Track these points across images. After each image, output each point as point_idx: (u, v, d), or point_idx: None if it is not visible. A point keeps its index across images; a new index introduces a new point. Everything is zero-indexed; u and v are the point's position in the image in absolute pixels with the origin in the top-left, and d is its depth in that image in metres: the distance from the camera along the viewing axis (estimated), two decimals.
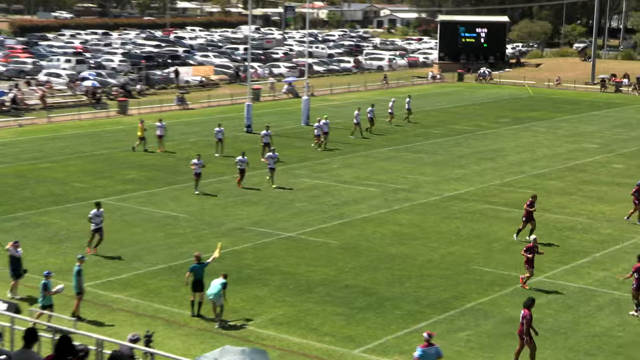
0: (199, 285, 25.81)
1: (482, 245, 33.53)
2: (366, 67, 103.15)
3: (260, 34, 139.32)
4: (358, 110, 56.66)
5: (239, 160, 42.00)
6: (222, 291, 25.04)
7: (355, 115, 56.19)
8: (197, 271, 25.92)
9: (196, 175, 40.60)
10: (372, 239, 34.00)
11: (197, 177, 40.62)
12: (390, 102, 63.25)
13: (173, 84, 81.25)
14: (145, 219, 36.20)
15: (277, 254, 32.01)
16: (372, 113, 57.75)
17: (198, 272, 25.92)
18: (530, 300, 23.10)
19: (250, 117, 58.27)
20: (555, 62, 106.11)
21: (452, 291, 28.42)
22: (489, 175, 46.16)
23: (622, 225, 36.91)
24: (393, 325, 25.45)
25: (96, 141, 54.42)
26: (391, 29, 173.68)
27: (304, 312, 26.33)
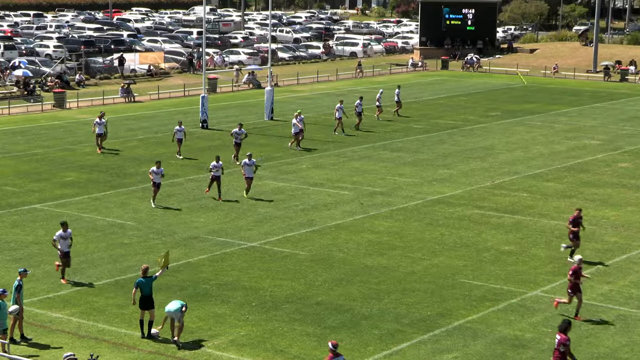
0: (148, 302, 25.86)
1: (470, 256, 33.84)
2: (337, 53, 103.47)
3: (216, 15, 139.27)
4: (340, 103, 56.78)
5: (214, 166, 40.42)
6: (182, 308, 25.18)
7: (336, 108, 56.31)
8: (144, 286, 25.95)
9: (155, 185, 39.38)
10: (346, 249, 34.20)
11: (156, 188, 39.41)
12: (378, 93, 63.48)
13: (117, 73, 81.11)
14: (88, 228, 36.18)
15: (238, 266, 32.13)
16: (360, 107, 57.77)
17: (145, 287, 25.94)
18: (566, 323, 23.02)
19: (206, 111, 58.33)
20: (553, 47, 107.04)
21: (437, 308, 28.67)
22: (478, 176, 46.56)
23: (628, 232, 37.40)
24: (370, 347, 25.65)
25: (29, 138, 54.24)
26: (366, 10, 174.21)
27: (269, 332, 26.46)
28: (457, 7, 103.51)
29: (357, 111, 57.95)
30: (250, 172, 40.90)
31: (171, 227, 36.49)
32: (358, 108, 57.86)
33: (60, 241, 30.07)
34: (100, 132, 49.77)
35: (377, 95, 62.84)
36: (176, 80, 79.44)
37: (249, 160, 40.82)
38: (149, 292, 25.95)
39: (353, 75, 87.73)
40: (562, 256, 33.86)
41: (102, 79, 78.57)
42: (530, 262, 33.24)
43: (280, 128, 58.72)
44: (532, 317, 28.06)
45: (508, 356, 25.22)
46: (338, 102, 57.75)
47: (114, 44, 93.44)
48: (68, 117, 62.27)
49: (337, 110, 56.14)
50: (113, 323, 26.82)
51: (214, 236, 35.41)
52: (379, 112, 62.25)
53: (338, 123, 56.41)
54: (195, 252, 33.50)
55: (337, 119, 56.26)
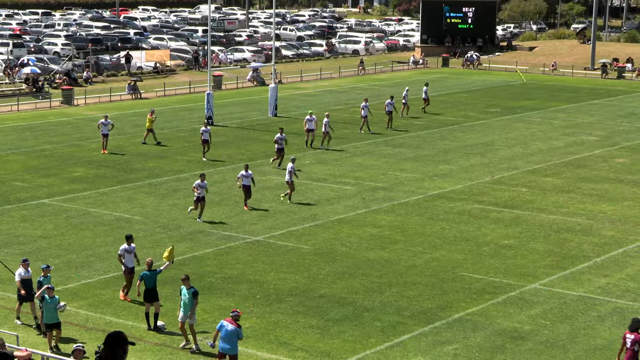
0: (152, 294, 25.96)
1: (470, 250, 33.86)
2: (340, 51, 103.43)
3: (221, 14, 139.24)
4: (365, 102, 56.02)
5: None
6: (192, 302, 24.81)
7: (362, 107, 55.58)
8: (148, 279, 26.05)
9: (199, 200, 36.38)
10: (348, 243, 34.22)
11: (200, 202, 36.37)
12: (404, 91, 63.05)
13: (124, 70, 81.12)
14: (95, 222, 36.23)
15: (242, 260, 32.16)
16: (390, 106, 56.90)
17: (149, 280, 26.04)
18: (637, 321, 22.88)
19: (211, 108, 58.34)
20: (551, 44, 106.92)
21: (438, 300, 28.70)
22: (478, 171, 46.56)
23: (625, 226, 37.40)
24: (372, 339, 25.68)
25: (38, 135, 54.29)
26: (368, 9, 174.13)
27: (273, 324, 26.50)
28: (458, 6, 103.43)
29: (387, 110, 56.92)
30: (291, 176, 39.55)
31: (177, 221, 36.52)
32: (388, 107, 56.85)
33: (125, 255, 28.04)
34: (105, 133, 48.99)
35: (404, 93, 62.49)
36: (182, 78, 79.45)
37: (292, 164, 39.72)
38: (153, 285, 26.03)
39: (355, 72, 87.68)
40: (561, 250, 33.90)
41: (109, 76, 78.58)
42: (529, 255, 33.25)
43: (283, 124, 58.65)
44: (531, 310, 28.08)
45: (507, 348, 25.25)
46: (363, 100, 57.01)
47: (121, 41, 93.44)
48: (76, 114, 62.30)
49: (363, 108, 55.42)
50: (120, 315, 26.87)
51: (219, 230, 35.45)
52: (404, 109, 61.81)
53: (363, 121, 55.65)
54: (201, 246, 33.54)
55: (363, 117, 55.49)
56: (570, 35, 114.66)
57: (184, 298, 24.69)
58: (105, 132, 48.94)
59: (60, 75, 73.78)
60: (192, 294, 24.70)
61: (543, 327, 26.69)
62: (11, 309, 26.80)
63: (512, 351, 25.03)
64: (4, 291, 28.67)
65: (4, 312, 27.09)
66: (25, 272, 26.06)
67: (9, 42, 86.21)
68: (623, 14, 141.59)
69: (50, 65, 77.00)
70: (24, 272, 26.03)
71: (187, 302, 24.63)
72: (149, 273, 26.12)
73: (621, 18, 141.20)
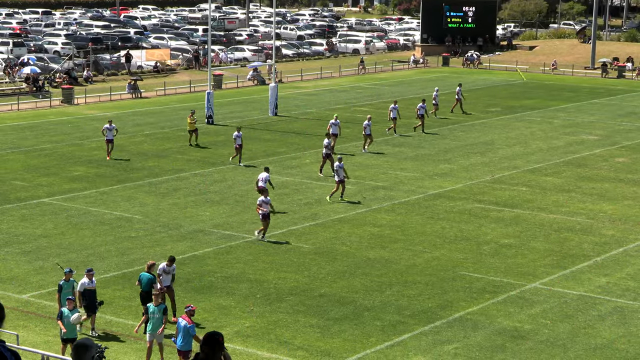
0: (147, 297, 25.71)
1: (470, 249, 33.85)
2: (340, 50, 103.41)
3: (221, 13, 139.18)
4: (394, 104, 55.40)
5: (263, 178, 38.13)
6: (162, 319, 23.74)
7: (390, 109, 55.01)
8: (143, 282, 25.97)
9: (264, 218, 34.30)
10: (349, 242, 34.21)
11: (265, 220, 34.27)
12: (434, 92, 62.61)
13: (124, 69, 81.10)
14: (95, 221, 36.22)
15: (243, 259, 32.16)
16: (422, 110, 55.94)
17: (144, 283, 25.94)
18: None
19: (211, 107, 58.33)
20: (551, 44, 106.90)
21: (438, 300, 28.69)
22: (478, 170, 46.54)
23: (625, 225, 37.39)
24: (372, 338, 25.68)
25: (38, 134, 54.27)
26: (368, 8, 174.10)
27: (273, 323, 26.49)
28: (458, 5, 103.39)
29: (418, 114, 55.90)
30: (341, 175, 39.70)
31: (177, 220, 36.52)
32: (420, 111, 55.80)
33: (163, 276, 26.68)
34: (110, 138, 47.16)
35: (434, 94, 61.96)
36: (182, 77, 79.44)
37: (340, 163, 39.95)
38: (147, 289, 25.83)
39: (355, 71, 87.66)
40: (561, 249, 33.90)
41: (109, 76, 78.56)
42: (529, 255, 33.25)
43: (284, 123, 58.73)
44: (531, 309, 28.08)
45: (507, 347, 25.25)
46: (392, 102, 56.24)
47: (121, 41, 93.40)
48: (76, 113, 62.28)
49: (392, 110, 54.84)
50: (120, 315, 26.86)
51: (219, 229, 35.44)
52: (435, 110, 61.37)
53: (393, 124, 54.90)
54: (201, 245, 33.53)
55: (392, 119, 54.83)
56: (571, 35, 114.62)
57: (152, 316, 23.63)
58: (110, 138, 47.21)
59: (61, 74, 73.76)
60: (162, 311, 23.73)
61: (543, 326, 26.69)
62: (11, 308, 26.78)
63: (512, 350, 25.03)
64: (4, 290, 28.66)
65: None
66: (89, 283, 25.26)
67: (9, 41, 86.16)
68: (623, 13, 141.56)
69: (51, 64, 76.97)
70: (87, 282, 25.24)
71: (155, 321, 23.56)
72: (148, 275, 26.04)
73: (621, 17, 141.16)
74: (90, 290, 25.28)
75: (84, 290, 25.19)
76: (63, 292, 25.06)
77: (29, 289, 28.79)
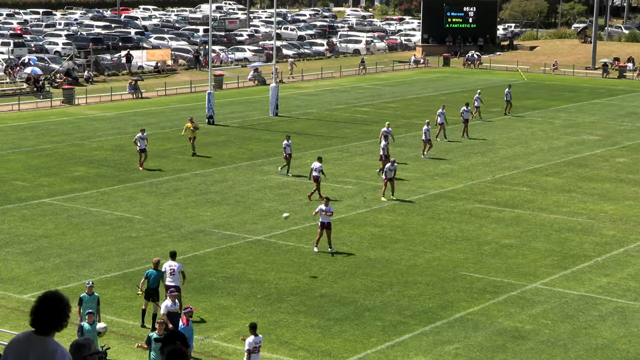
0: (154, 294, 25.94)
1: (471, 249, 33.85)
2: (341, 50, 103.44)
3: (222, 13, 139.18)
4: (442, 109, 54.44)
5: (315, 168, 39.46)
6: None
7: (438, 114, 54.06)
8: (151, 278, 26.03)
9: (322, 226, 33.02)
10: (350, 242, 34.21)
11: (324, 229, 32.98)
12: (477, 94, 61.99)
13: (125, 69, 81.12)
14: (96, 221, 36.22)
15: (243, 259, 32.16)
16: (467, 114, 55.07)
17: (153, 279, 26.01)
18: None
19: (212, 107, 58.33)
20: (552, 44, 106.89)
21: (439, 300, 28.69)
22: (479, 170, 46.54)
23: (626, 226, 37.39)
24: (373, 338, 25.68)
25: (39, 134, 54.29)
26: (369, 8, 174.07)
27: (274, 323, 26.49)
28: (459, 5, 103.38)
29: (463, 118, 55.00)
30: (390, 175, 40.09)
31: (178, 220, 36.52)
32: (464, 115, 55.02)
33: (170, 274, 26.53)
34: (142, 148, 44.97)
35: (476, 96, 61.63)
36: (182, 77, 79.44)
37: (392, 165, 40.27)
38: (156, 285, 26.00)
39: (356, 72, 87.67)
40: (562, 250, 33.89)
41: (110, 76, 78.57)
42: (530, 255, 33.25)
43: (284, 124, 58.74)
44: (532, 309, 28.08)
45: (508, 347, 25.25)
46: (440, 107, 55.17)
47: (122, 41, 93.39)
48: (77, 113, 62.29)
49: (439, 115, 53.99)
50: (121, 315, 26.86)
51: (220, 230, 35.44)
52: (478, 112, 61.03)
53: (440, 128, 54.17)
54: (202, 245, 33.53)
55: (439, 124, 53.75)
56: (571, 35, 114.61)
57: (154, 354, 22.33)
58: (142, 147, 44.89)
59: (61, 74, 73.77)
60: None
61: (544, 327, 26.68)
62: (12, 308, 26.80)
63: (513, 351, 25.03)
64: (4, 290, 28.67)
65: (5, 312, 27.08)
66: (172, 305, 24.33)
67: (10, 41, 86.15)
68: (624, 14, 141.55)
69: (51, 64, 76.99)
70: (170, 304, 24.33)
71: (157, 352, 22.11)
72: (155, 272, 26.11)
73: (622, 17, 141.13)
74: (174, 313, 24.13)
75: (168, 312, 24.10)
76: (84, 306, 24.22)
77: (30, 289, 28.78)
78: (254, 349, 22.38)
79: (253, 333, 22.40)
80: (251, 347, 22.40)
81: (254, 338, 22.42)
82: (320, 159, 40.35)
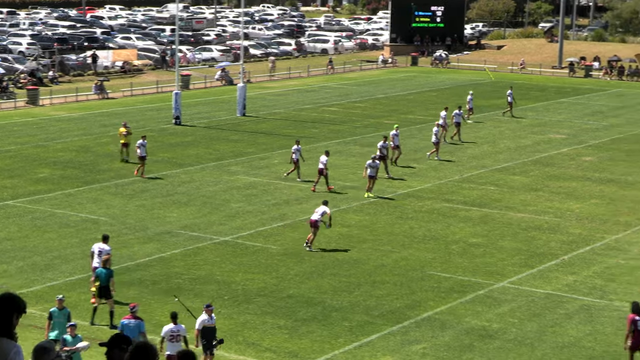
0: (103, 291, 26.30)
1: (439, 248, 33.96)
2: (309, 50, 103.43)
3: (189, 13, 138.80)
4: (459, 109, 54.02)
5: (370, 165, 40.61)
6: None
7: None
8: (102, 277, 26.31)
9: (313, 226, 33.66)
10: (317, 243, 34.19)
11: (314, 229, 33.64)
12: (469, 95, 61.78)
13: (90, 70, 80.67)
14: (61, 223, 36.00)
15: (210, 260, 32.08)
16: (458, 117, 54.07)
17: (102, 277, 26.29)
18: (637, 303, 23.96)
19: (179, 108, 58.11)
20: (519, 43, 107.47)
21: (406, 300, 28.76)
22: (447, 170, 46.69)
23: (592, 224, 37.64)
24: (341, 338, 25.69)
25: (2, 135, 53.83)
26: (337, 7, 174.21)
27: (241, 325, 26.45)
28: (426, 5, 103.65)
29: (455, 121, 54.14)
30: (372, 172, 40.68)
31: (144, 222, 36.36)
32: (456, 118, 54.20)
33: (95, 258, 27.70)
34: (143, 155, 43.49)
35: (468, 98, 61.49)
36: (149, 77, 79.12)
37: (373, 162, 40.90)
38: (106, 283, 26.27)
39: (324, 71, 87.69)
40: (529, 248, 34.07)
41: (75, 76, 78.08)
42: (497, 254, 33.41)
43: (252, 124, 58.65)
44: (499, 308, 28.22)
45: (475, 346, 25.35)
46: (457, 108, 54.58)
47: (88, 41, 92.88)
48: (41, 114, 61.84)
49: (455, 115, 53.69)
50: (86, 318, 26.70)
51: (186, 231, 35.33)
52: (470, 114, 60.83)
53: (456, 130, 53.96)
54: (168, 246, 33.41)
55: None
56: (538, 34, 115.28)
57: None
58: (143, 154, 43.42)
59: (25, 75, 73.23)
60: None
61: (511, 325, 26.82)
62: None
63: (480, 350, 25.14)
64: None
65: None
66: (209, 320, 23.51)
67: None
68: (590, 13, 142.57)
69: (15, 65, 76.41)
70: (207, 318, 23.51)
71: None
72: (105, 270, 26.25)
73: (588, 17, 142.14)
74: (210, 328, 23.54)
75: (203, 327, 23.46)
76: (54, 320, 23.91)
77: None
78: (170, 337, 22.83)
79: (173, 322, 22.97)
80: (166, 335, 22.88)
81: (173, 327, 22.91)
82: (327, 152, 41.78)
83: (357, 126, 58.55)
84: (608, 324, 27.17)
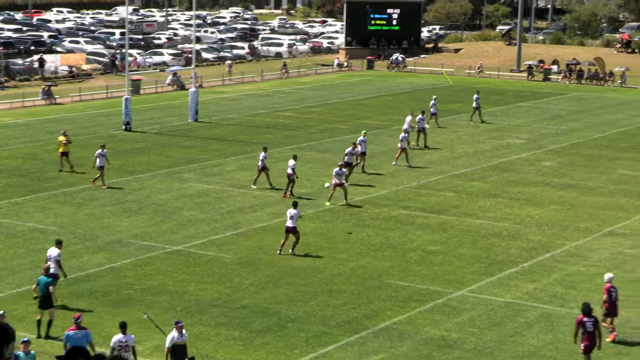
0: (47, 301, 26.13)
1: (396, 256, 34.01)
2: (263, 54, 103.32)
3: (139, 16, 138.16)
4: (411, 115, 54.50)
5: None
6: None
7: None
8: (41, 285, 26.25)
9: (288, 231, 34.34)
10: (272, 251, 34.12)
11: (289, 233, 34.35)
12: (432, 100, 61.56)
13: (37, 74, 79.96)
14: (7, 233, 35.61)
15: (162, 270, 31.88)
16: (422, 122, 54.44)
17: (42, 286, 26.23)
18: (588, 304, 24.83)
19: (129, 113, 57.77)
20: (477, 46, 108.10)
21: (364, 309, 28.76)
22: (404, 176, 46.80)
23: (552, 230, 37.89)
24: (297, 350, 25.63)
25: None
26: (290, 10, 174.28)
27: (194, 336, 26.28)
28: (382, 7, 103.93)
29: (419, 127, 54.20)
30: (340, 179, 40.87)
31: (94, 231, 36.07)
32: (420, 124, 54.26)
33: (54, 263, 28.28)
34: (102, 165, 42.52)
35: (431, 102, 61.42)
36: (98, 82, 78.60)
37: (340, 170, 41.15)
38: (46, 292, 26.19)
39: (279, 75, 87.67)
40: (488, 256, 34.22)
41: (22, 81, 77.36)
42: (456, 262, 33.51)
43: (204, 129, 58.44)
44: (458, 317, 28.29)
45: (434, 357, 25.39)
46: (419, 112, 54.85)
47: (34, 45, 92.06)
48: None
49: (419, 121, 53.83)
50: (33, 331, 26.40)
51: (137, 240, 35.09)
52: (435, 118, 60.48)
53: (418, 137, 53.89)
54: (119, 256, 33.15)
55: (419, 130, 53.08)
56: (496, 37, 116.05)
57: None
58: (101, 164, 42.49)
59: None
60: None
61: (471, 335, 26.90)
62: None
63: None
64: None
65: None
66: (179, 337, 23.41)
67: None
68: (548, 16, 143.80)
69: None
70: (177, 336, 23.37)
71: None
72: (45, 278, 26.24)
73: (547, 19, 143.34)
74: (181, 346, 23.42)
75: (172, 345, 23.33)
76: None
77: None
78: (119, 348, 22.85)
79: (122, 332, 23.07)
80: (115, 345, 22.95)
81: (121, 337, 23.01)
82: (295, 157, 41.87)
83: (313, 131, 58.55)
84: (569, 333, 27.28)
